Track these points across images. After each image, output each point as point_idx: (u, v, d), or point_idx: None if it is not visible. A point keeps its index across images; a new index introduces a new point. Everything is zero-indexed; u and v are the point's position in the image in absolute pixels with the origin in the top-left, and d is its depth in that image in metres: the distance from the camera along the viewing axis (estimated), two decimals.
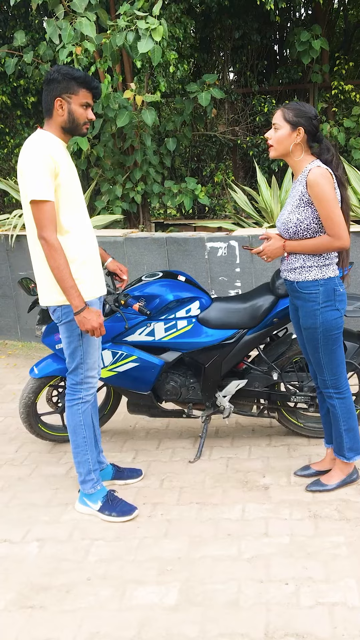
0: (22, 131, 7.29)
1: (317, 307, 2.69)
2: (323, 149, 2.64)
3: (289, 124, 2.60)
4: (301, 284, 2.71)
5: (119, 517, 2.84)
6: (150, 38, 4.77)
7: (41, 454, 3.56)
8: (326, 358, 2.78)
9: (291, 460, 3.28)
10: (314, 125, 2.61)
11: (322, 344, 2.75)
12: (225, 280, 5.03)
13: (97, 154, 6.03)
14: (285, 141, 2.62)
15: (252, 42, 7.22)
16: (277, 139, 2.64)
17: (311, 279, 2.68)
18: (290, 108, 2.61)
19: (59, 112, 2.59)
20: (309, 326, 2.74)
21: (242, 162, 7.86)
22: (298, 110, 2.60)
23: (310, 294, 2.69)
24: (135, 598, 2.33)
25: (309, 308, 2.71)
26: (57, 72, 2.56)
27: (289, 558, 2.49)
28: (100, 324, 2.62)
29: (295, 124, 2.59)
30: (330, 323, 2.71)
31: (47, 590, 2.41)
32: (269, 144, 2.68)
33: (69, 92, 2.58)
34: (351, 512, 2.78)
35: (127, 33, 4.89)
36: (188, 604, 2.28)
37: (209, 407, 3.41)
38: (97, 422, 2.95)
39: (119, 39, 4.95)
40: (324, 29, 6.85)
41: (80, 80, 2.58)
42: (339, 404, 2.85)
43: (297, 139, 2.61)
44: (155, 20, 4.80)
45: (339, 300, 2.71)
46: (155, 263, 5.12)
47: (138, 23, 4.78)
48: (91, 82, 2.61)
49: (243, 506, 2.90)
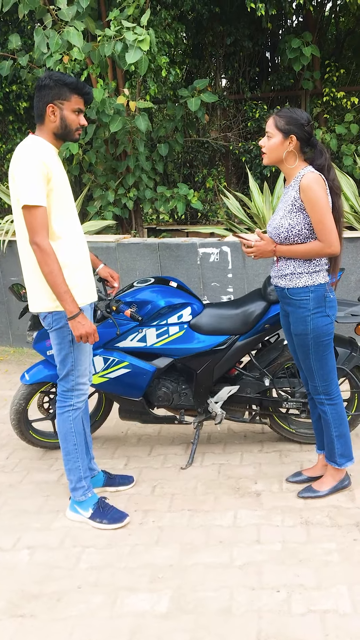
0: (15, 136, 7.28)
1: (308, 314, 2.70)
2: (317, 153, 2.65)
3: (281, 132, 2.60)
4: (292, 290, 2.71)
5: (110, 524, 2.82)
6: (138, 49, 4.79)
7: (32, 460, 3.54)
8: (317, 364, 2.79)
9: (283, 467, 3.28)
10: (306, 132, 2.61)
11: (313, 350, 2.75)
12: (217, 286, 5.03)
13: (89, 160, 6.03)
14: (277, 149, 2.63)
15: (244, 49, 7.25)
16: (269, 147, 2.65)
17: (301, 286, 2.68)
18: (282, 115, 2.61)
19: (50, 118, 2.59)
20: (300, 332, 2.75)
21: (234, 168, 7.88)
22: (290, 117, 2.59)
23: (301, 301, 2.70)
24: (126, 606, 2.32)
25: (300, 314, 2.72)
26: (49, 79, 2.56)
27: (280, 565, 2.49)
28: (94, 329, 2.61)
29: (287, 132, 2.59)
30: (321, 329, 2.72)
31: (38, 599, 2.39)
32: (262, 152, 2.69)
33: (61, 98, 2.58)
34: (343, 518, 2.79)
35: (116, 43, 4.90)
36: (180, 611, 2.27)
37: (201, 413, 3.41)
38: (88, 429, 2.94)
39: (107, 48, 4.97)
40: (315, 36, 6.89)
41: (72, 86, 2.58)
42: (330, 410, 2.85)
43: (289, 147, 2.61)
44: (143, 30, 4.82)
45: (329, 306, 2.71)
46: (148, 269, 5.12)
47: (125, 34, 4.80)
48: (83, 88, 2.62)
49: (235, 513, 2.89)
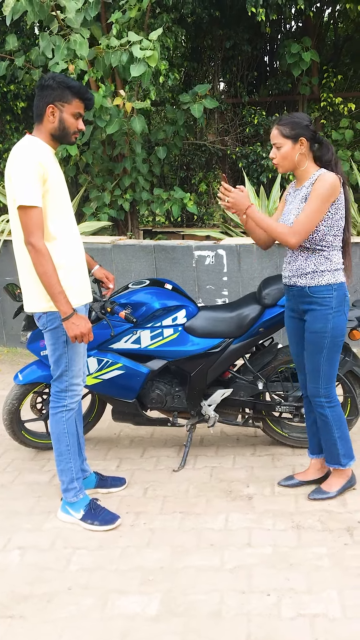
0: (12, 136, 7.27)
1: (330, 312, 2.72)
2: (324, 149, 2.71)
3: (290, 139, 2.65)
4: (314, 288, 2.72)
5: (101, 526, 2.82)
6: (145, 63, 4.82)
7: (24, 461, 3.53)
8: (326, 365, 2.80)
9: (275, 470, 3.28)
10: (311, 131, 2.68)
11: (327, 350, 2.77)
12: (212, 289, 5.04)
13: (86, 161, 6.03)
14: (290, 156, 2.68)
15: (242, 53, 7.27)
16: (282, 157, 2.69)
17: (324, 284, 2.71)
18: (284, 124, 2.66)
19: (49, 118, 2.59)
20: (318, 330, 2.75)
21: (231, 171, 7.89)
22: (293, 122, 2.65)
23: (324, 298, 2.71)
24: (117, 608, 2.32)
25: (322, 312, 2.73)
26: (52, 79, 2.56)
27: (271, 569, 2.49)
28: (89, 329, 2.61)
29: (295, 137, 2.65)
30: (339, 328, 2.75)
31: (28, 600, 2.38)
32: (275, 163, 2.72)
33: (63, 100, 2.58)
34: (334, 523, 2.79)
35: (122, 54, 4.91)
36: (170, 614, 2.27)
37: (194, 415, 3.41)
38: (81, 430, 2.94)
39: (113, 59, 4.98)
40: (314, 42, 6.92)
41: (75, 90, 2.59)
42: (331, 413, 2.87)
43: (301, 149, 2.67)
44: (150, 43, 4.83)
45: (347, 306, 2.77)
46: (143, 270, 5.12)
47: (132, 49, 4.82)
48: (85, 94, 2.63)
49: (226, 516, 2.89)
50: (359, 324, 3.16)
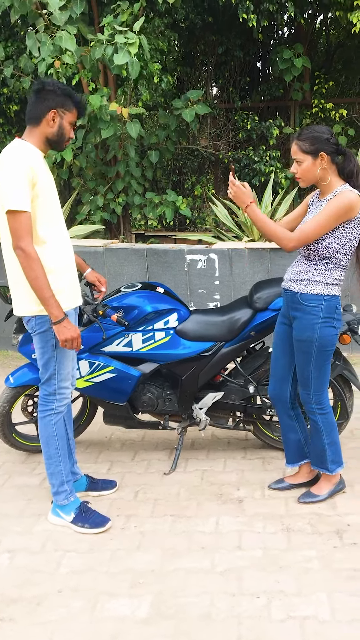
0: (4, 139, 7.27)
1: (317, 321, 2.72)
2: (346, 160, 2.66)
3: (310, 155, 2.62)
4: (304, 296, 2.73)
5: (92, 528, 2.82)
6: (127, 52, 4.84)
7: (15, 464, 3.52)
8: (315, 372, 2.81)
9: (266, 474, 3.30)
10: (333, 144, 2.62)
11: (315, 358, 2.78)
12: (204, 293, 5.06)
13: (79, 164, 6.04)
14: (311, 171, 2.64)
15: (235, 58, 7.31)
16: (302, 172, 2.66)
17: (316, 293, 2.71)
18: (304, 138, 2.62)
19: (50, 123, 2.60)
20: (305, 339, 2.76)
21: (223, 176, 7.93)
22: (312, 137, 2.61)
23: (312, 307, 2.72)
24: (107, 610, 2.32)
25: (309, 321, 2.74)
26: (55, 86, 2.59)
27: (261, 571, 2.50)
28: (79, 334, 2.62)
29: (315, 152, 2.61)
30: (327, 339, 2.75)
31: (18, 602, 2.38)
32: (297, 177, 2.70)
33: (64, 107, 2.62)
34: (324, 525, 2.80)
35: (106, 47, 4.94)
36: (160, 617, 2.27)
37: (185, 419, 3.41)
38: (71, 433, 2.93)
39: (97, 52, 5.00)
40: (306, 48, 6.97)
41: (75, 100, 2.66)
42: (322, 419, 2.88)
43: (322, 164, 2.62)
44: (134, 35, 4.85)
45: (337, 319, 2.76)
46: (135, 274, 5.13)
47: (117, 37, 4.85)
48: (83, 105, 2.72)
49: (217, 519, 2.90)
50: (349, 329, 3.18)
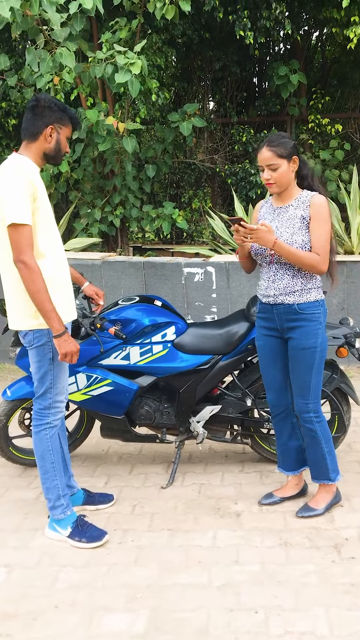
0: (3, 153, 7.31)
1: (319, 327, 2.78)
2: (302, 165, 2.79)
3: (285, 159, 2.69)
4: (303, 305, 2.76)
5: (88, 542, 2.80)
6: (128, 71, 4.89)
7: (11, 477, 3.51)
8: (315, 379, 2.83)
9: (263, 487, 3.28)
10: (297, 148, 2.77)
11: (317, 364, 2.81)
12: (201, 306, 5.07)
13: (77, 177, 6.07)
14: (287, 175, 2.73)
15: (232, 74, 7.39)
16: (279, 177, 2.71)
17: (313, 300, 2.77)
18: (277, 144, 2.69)
19: (47, 138, 2.65)
20: (310, 346, 2.78)
21: (220, 189, 7.98)
22: (284, 142, 2.71)
23: (313, 314, 2.77)
24: (103, 625, 2.30)
25: (312, 328, 2.77)
26: (50, 102, 2.64)
27: (259, 586, 2.49)
28: (78, 348, 2.62)
29: (289, 155, 2.70)
30: (325, 342, 2.83)
31: (14, 618, 2.36)
32: (270, 183, 2.74)
33: (61, 123, 2.67)
34: (322, 540, 2.79)
35: (107, 66, 4.99)
36: (157, 632, 2.26)
37: (183, 432, 3.41)
38: (66, 446, 2.92)
39: (98, 70, 5.05)
40: (302, 64, 7.05)
41: (71, 115, 2.71)
42: (319, 428, 2.89)
43: (294, 167, 2.74)
44: (134, 55, 4.91)
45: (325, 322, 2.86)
46: (133, 287, 5.15)
47: (117, 58, 4.90)
48: (78, 121, 2.78)
49: (214, 533, 2.88)
50: (345, 342, 3.19)
